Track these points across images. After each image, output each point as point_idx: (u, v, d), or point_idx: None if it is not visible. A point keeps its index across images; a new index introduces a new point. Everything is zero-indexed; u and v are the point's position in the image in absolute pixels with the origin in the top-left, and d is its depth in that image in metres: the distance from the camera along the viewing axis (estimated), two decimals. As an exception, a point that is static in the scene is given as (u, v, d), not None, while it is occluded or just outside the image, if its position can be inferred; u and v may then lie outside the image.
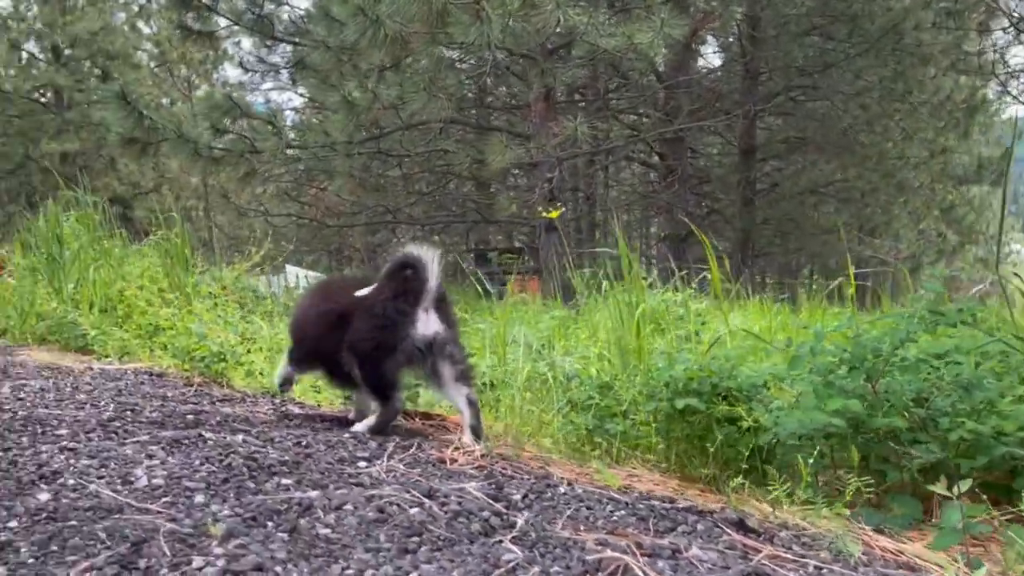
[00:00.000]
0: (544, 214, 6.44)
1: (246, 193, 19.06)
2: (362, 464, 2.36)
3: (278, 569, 1.47)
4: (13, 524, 1.73)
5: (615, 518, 2.01)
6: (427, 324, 2.82)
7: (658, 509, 2.09)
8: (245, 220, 19.11)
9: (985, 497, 2.27)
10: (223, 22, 13.27)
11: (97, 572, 1.47)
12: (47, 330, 6.16)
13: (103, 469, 2.18)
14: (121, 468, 2.18)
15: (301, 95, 20.83)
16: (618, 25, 9.88)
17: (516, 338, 4.65)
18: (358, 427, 2.88)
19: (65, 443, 2.45)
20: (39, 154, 21.61)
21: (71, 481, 2.06)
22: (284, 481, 2.09)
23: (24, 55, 23.19)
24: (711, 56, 21.24)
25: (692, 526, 1.92)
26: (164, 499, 1.92)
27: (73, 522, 1.73)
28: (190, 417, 2.94)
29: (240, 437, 2.57)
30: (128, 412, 3.05)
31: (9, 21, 22.22)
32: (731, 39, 18.76)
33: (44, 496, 1.94)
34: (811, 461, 2.59)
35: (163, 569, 1.49)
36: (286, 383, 3.33)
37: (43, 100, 23.23)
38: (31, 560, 1.53)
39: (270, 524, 1.72)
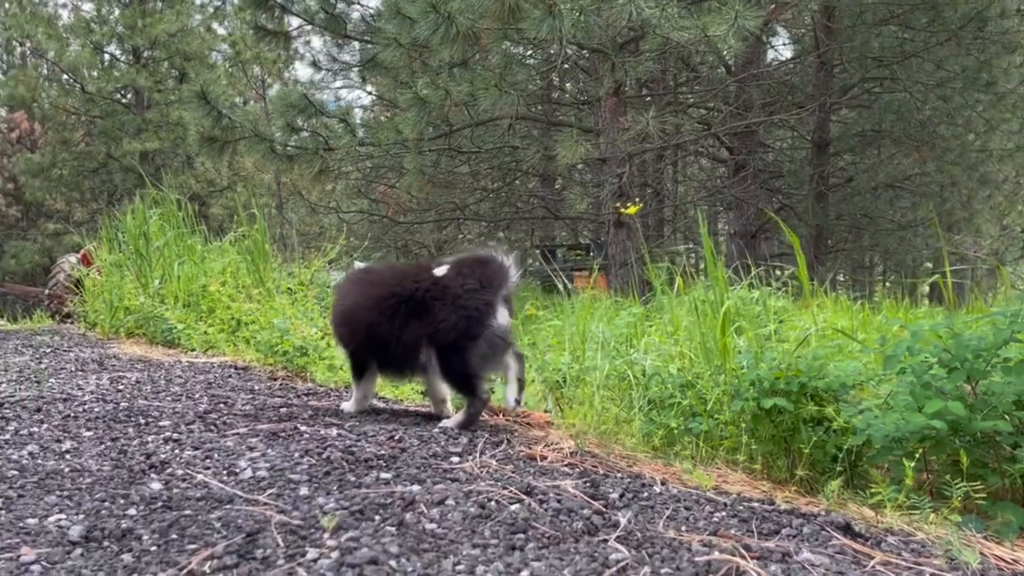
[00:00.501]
0: (622, 210, 6.38)
1: (317, 190, 19.42)
2: (455, 459, 2.37)
3: (392, 563, 1.49)
4: (132, 512, 1.79)
5: (715, 519, 1.97)
6: (503, 315, 2.85)
7: (759, 511, 2.05)
8: (316, 217, 19.46)
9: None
10: (295, 22, 13.56)
11: (217, 561, 1.51)
12: (135, 324, 6.38)
13: (208, 460, 2.24)
14: (225, 459, 2.24)
15: (369, 93, 21.16)
16: (691, 17, 9.72)
17: (592, 335, 4.63)
18: (447, 423, 2.89)
19: (168, 434, 2.53)
20: (120, 153, 22.38)
21: (179, 471, 2.12)
22: (383, 475, 2.11)
23: (107, 57, 24.06)
24: (781, 48, 20.78)
25: (797, 529, 1.88)
26: (270, 491, 1.97)
27: (188, 511, 1.79)
28: (283, 411, 3.00)
29: (334, 431, 2.62)
30: (221, 405, 3.13)
31: (92, 24, 23.05)
32: (803, 30, 18.31)
33: (156, 485, 2.00)
34: (911, 465, 2.51)
35: (279, 560, 1.52)
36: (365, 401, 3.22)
37: (124, 101, 24.06)
38: (153, 548, 1.58)
39: (377, 518, 1.74)
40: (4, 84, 24.28)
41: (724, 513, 2.03)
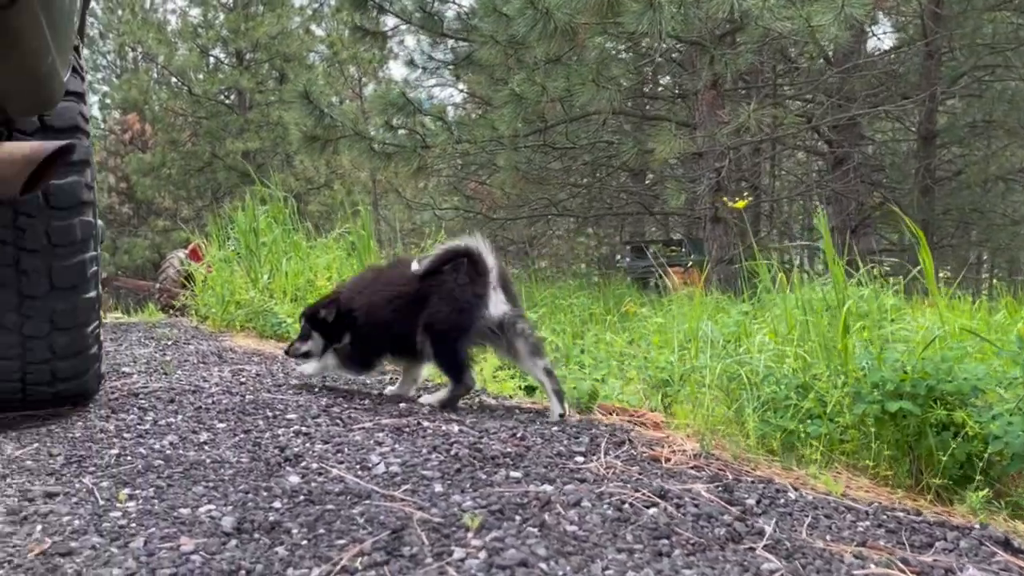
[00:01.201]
0: (730, 204, 6.24)
1: (410, 187, 19.71)
2: (579, 459, 2.35)
3: (542, 566, 1.47)
4: (277, 505, 1.83)
5: (860, 529, 1.89)
6: (496, 305, 3.01)
7: (905, 522, 1.95)
8: (410, 213, 19.76)
9: None
10: (391, 22, 13.76)
11: (367, 557, 1.52)
12: (245, 318, 6.59)
13: (339, 454, 2.28)
14: (356, 454, 2.27)
15: (461, 90, 21.37)
16: (793, 7, 9.43)
17: (698, 333, 4.54)
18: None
19: (297, 427, 2.59)
20: (224, 152, 23.27)
21: (314, 465, 2.17)
22: (512, 474, 2.11)
23: (212, 60, 25.05)
24: (882, 36, 20.00)
25: (953, 543, 1.78)
26: (405, 487, 1.98)
27: (330, 506, 1.82)
28: (402, 406, 3.04)
29: (455, 427, 2.63)
30: (341, 399, 3.19)
31: (199, 29, 24.06)
32: (908, 18, 17.57)
33: (294, 479, 2.04)
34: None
35: (427, 558, 1.53)
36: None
37: (227, 102, 25.00)
38: (304, 542, 1.61)
39: (517, 518, 1.73)
40: (118, 88, 25.56)
41: (868, 523, 1.95)
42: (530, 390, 4.37)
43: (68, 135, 2.62)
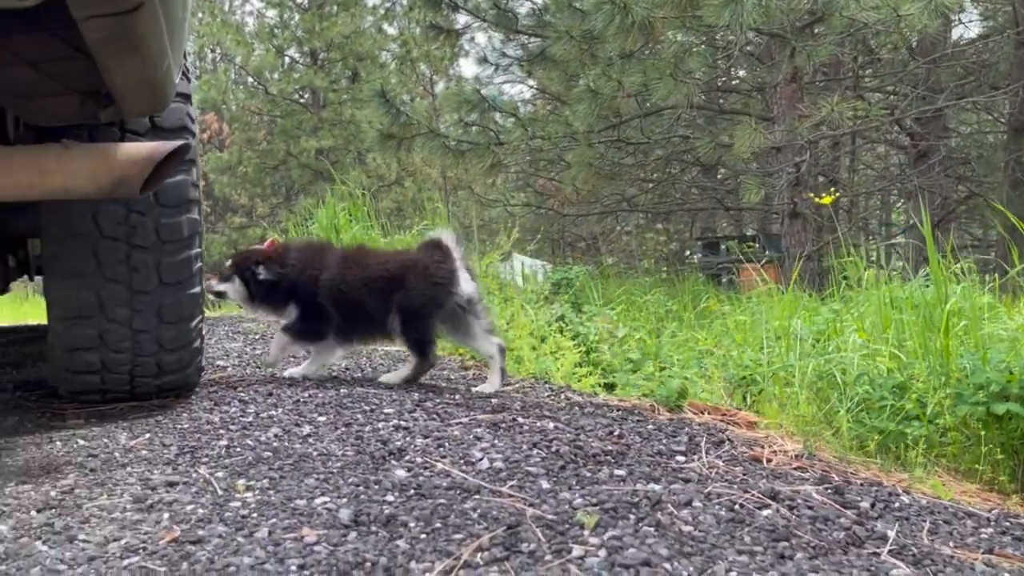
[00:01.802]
0: (816, 200, 6.11)
1: (480, 183, 19.83)
2: (680, 458, 2.32)
3: (666, 566, 1.46)
4: (390, 498, 1.85)
5: (983, 536, 1.82)
6: (465, 282, 3.26)
7: (1033, 531, 1.87)
8: (480, 209, 19.88)
9: None
10: (464, 19, 13.82)
11: (487, 553, 1.53)
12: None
13: (441, 449, 2.30)
14: (457, 449, 2.29)
15: (531, 87, 21.36)
16: (880, -5, 9.14)
17: (784, 331, 4.46)
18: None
19: (395, 421, 2.62)
20: (298, 150, 23.77)
21: (418, 459, 2.19)
22: (616, 472, 2.09)
23: (287, 60, 25.62)
24: (969, 24, 19.25)
25: (1089, 555, 1.70)
26: (511, 483, 1.99)
27: (441, 500, 1.83)
28: (494, 401, 3.05)
29: (551, 424, 2.63)
30: (431, 393, 3.22)
31: (275, 30, 24.63)
32: (997, 5, 16.87)
33: (401, 472, 2.07)
34: None
35: (546, 555, 1.52)
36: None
37: (301, 101, 25.52)
38: (422, 536, 1.63)
39: (632, 517, 1.72)
40: (198, 89, 26.31)
41: (991, 529, 1.88)
42: (610, 387, 4.34)
43: (177, 135, 2.70)
